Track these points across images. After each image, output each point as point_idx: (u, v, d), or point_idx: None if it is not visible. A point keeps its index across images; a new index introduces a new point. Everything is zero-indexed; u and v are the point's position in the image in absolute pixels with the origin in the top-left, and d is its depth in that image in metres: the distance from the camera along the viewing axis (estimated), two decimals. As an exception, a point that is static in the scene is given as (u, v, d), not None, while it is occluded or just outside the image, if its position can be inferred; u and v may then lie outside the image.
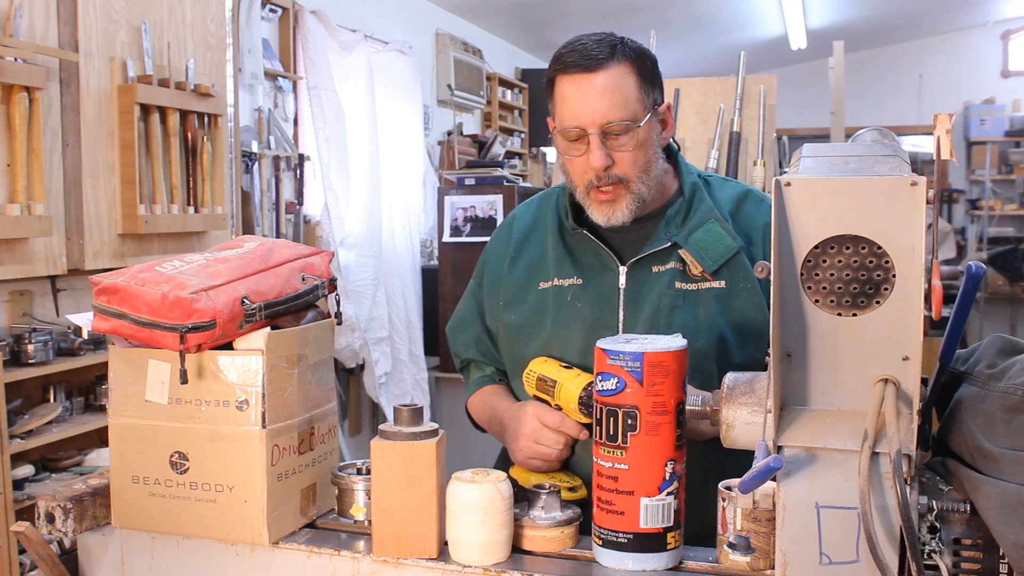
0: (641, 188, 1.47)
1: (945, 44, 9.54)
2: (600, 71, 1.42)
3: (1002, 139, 9.24)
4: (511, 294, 1.60)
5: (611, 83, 1.42)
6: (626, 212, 1.47)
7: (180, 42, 3.69)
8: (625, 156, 1.44)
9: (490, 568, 1.18)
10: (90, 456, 3.17)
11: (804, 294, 1.04)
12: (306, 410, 1.33)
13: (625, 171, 1.45)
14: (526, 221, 1.66)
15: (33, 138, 2.95)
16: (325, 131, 4.64)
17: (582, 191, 1.48)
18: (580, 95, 1.42)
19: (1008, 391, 1.02)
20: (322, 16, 4.80)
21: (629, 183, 1.46)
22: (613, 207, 1.47)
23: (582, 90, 1.42)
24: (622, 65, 1.43)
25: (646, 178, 1.47)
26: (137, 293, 1.24)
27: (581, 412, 1.39)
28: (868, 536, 0.96)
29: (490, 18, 7.02)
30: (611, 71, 1.42)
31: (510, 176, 5.11)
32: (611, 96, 1.41)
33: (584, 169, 1.45)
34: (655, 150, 1.48)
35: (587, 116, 1.42)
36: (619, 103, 1.42)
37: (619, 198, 1.46)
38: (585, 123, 1.42)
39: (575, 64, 1.43)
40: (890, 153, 1.08)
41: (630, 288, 1.50)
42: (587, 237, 1.53)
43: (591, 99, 1.42)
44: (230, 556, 1.28)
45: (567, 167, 1.50)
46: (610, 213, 1.47)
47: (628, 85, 1.43)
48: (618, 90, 1.42)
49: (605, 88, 1.41)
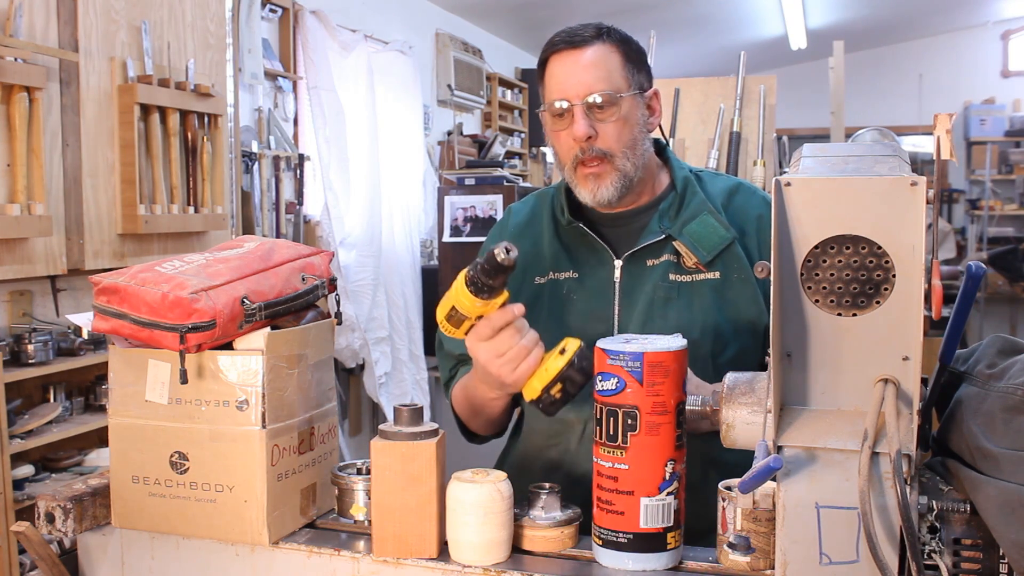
0: (626, 165, 1.48)
1: (945, 44, 9.55)
2: (586, 47, 1.47)
3: (1002, 139, 9.25)
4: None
5: (595, 58, 1.47)
6: (611, 189, 1.48)
7: (180, 42, 3.69)
8: (608, 129, 1.46)
9: (490, 568, 1.18)
10: (90, 456, 3.17)
11: (804, 294, 1.04)
12: (306, 410, 1.33)
13: (608, 145, 1.46)
14: (522, 217, 1.66)
15: (33, 138, 2.95)
16: (325, 131, 4.64)
17: (569, 168, 1.50)
18: (565, 69, 1.47)
19: (1008, 391, 1.02)
20: (322, 16, 4.80)
21: (613, 158, 1.47)
22: (599, 182, 1.48)
23: (567, 65, 1.47)
24: (607, 45, 1.48)
25: (631, 155, 1.48)
26: (137, 293, 1.24)
27: (470, 291, 1.26)
28: (868, 536, 0.96)
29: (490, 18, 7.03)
30: (596, 47, 1.47)
31: (510, 176, 5.11)
32: (594, 70, 1.46)
33: (569, 143, 1.48)
34: (640, 129, 1.50)
35: (571, 88, 1.46)
36: (602, 76, 1.46)
37: (604, 173, 1.47)
38: (569, 95, 1.46)
39: (562, 42, 1.48)
40: (890, 153, 1.08)
41: (625, 281, 1.52)
42: (582, 231, 1.54)
43: (575, 72, 1.46)
44: (230, 556, 1.28)
45: (555, 146, 1.52)
46: (595, 189, 1.48)
47: (612, 62, 1.47)
48: (602, 64, 1.46)
49: (589, 62, 1.46)
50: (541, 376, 1.29)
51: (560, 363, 1.28)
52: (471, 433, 1.64)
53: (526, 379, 1.31)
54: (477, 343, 1.33)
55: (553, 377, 1.28)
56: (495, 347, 1.31)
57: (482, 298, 1.27)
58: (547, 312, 1.54)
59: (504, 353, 1.30)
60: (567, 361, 1.27)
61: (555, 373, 1.28)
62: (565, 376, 1.27)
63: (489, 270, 1.24)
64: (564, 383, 1.28)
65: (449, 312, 1.32)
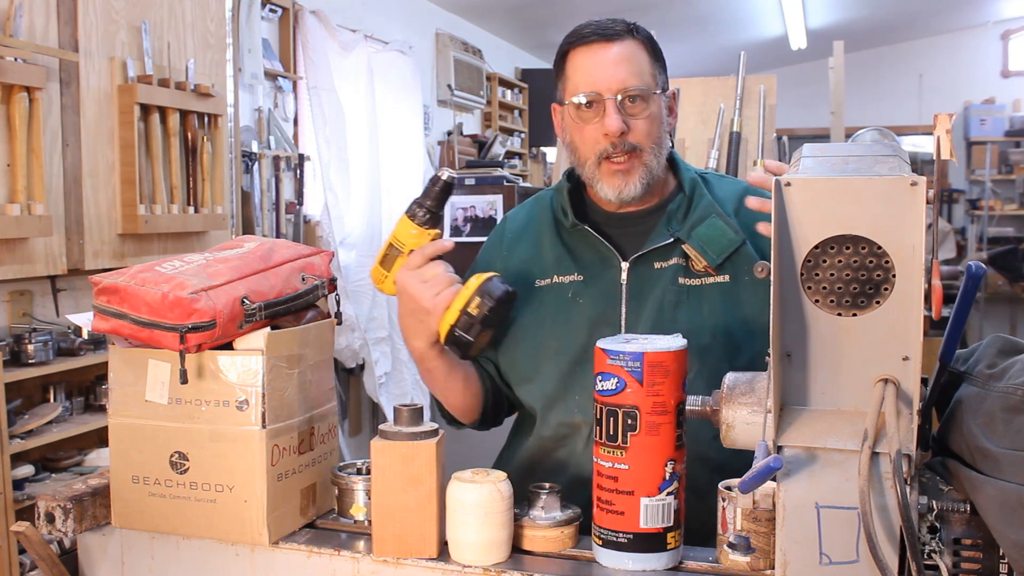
0: (652, 161, 1.48)
1: (945, 44, 9.55)
2: (617, 41, 1.47)
3: (1002, 139, 9.25)
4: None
5: (628, 53, 1.47)
6: (638, 185, 1.48)
7: (180, 42, 3.69)
8: (640, 124, 1.46)
9: (490, 568, 1.18)
10: (90, 456, 3.17)
11: (804, 294, 1.04)
12: (306, 410, 1.33)
13: (639, 139, 1.46)
14: (518, 222, 1.65)
15: (33, 138, 2.95)
16: (325, 131, 4.64)
17: (592, 163, 1.48)
18: (597, 62, 1.46)
19: (1008, 391, 1.02)
20: (322, 16, 4.80)
21: (643, 153, 1.47)
22: (627, 178, 1.47)
23: (599, 58, 1.46)
24: (636, 41, 1.48)
25: (658, 151, 1.49)
26: (137, 293, 1.24)
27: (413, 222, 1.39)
28: (868, 536, 0.96)
29: (490, 18, 7.03)
30: (627, 43, 1.47)
31: (510, 176, 5.11)
32: (628, 64, 1.46)
33: (597, 138, 1.46)
34: (664, 128, 1.50)
35: (604, 82, 1.45)
36: (635, 71, 1.46)
37: (632, 169, 1.47)
38: (602, 88, 1.45)
39: (592, 35, 1.47)
40: (890, 153, 1.08)
41: (632, 284, 1.50)
42: (588, 233, 1.53)
43: (608, 66, 1.46)
44: (230, 556, 1.28)
45: (576, 141, 1.50)
46: (623, 185, 1.48)
47: (642, 58, 1.48)
48: (634, 59, 1.47)
49: (622, 56, 1.46)
50: (457, 301, 1.37)
51: (474, 283, 1.37)
52: (452, 418, 1.64)
53: (445, 305, 1.38)
54: (406, 272, 1.40)
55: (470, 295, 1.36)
56: (421, 273, 1.39)
57: (425, 227, 1.38)
58: (552, 315, 1.53)
59: (428, 280, 1.39)
60: (481, 280, 1.37)
61: (472, 290, 1.36)
62: (482, 291, 1.36)
63: (436, 192, 1.38)
64: (481, 297, 1.35)
65: (385, 252, 1.43)
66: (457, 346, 1.39)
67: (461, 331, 1.37)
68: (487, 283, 1.37)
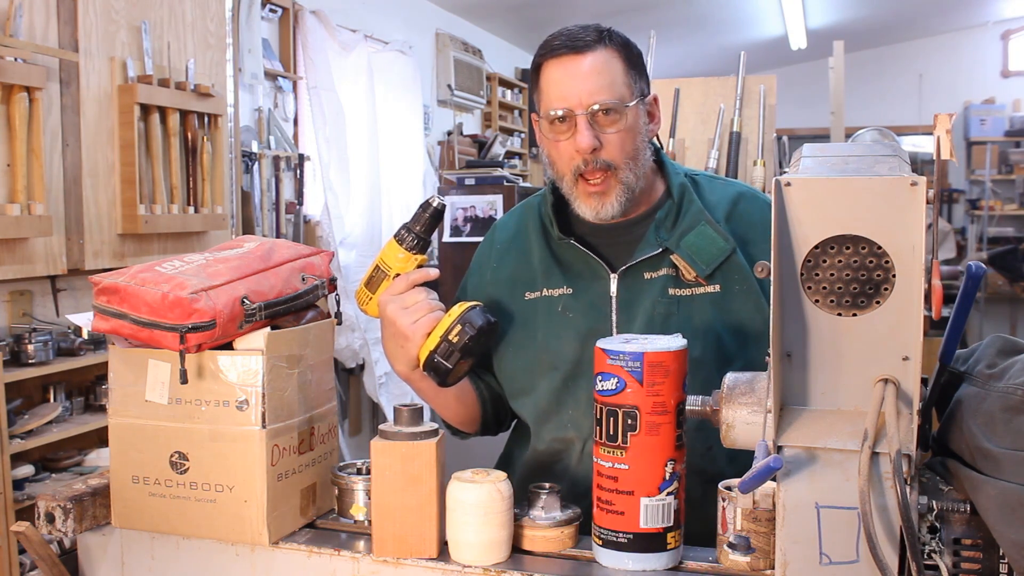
0: (630, 177, 1.44)
1: (945, 44, 9.55)
2: (588, 53, 1.41)
3: (1002, 139, 9.25)
4: (493, 306, 1.53)
5: (598, 64, 1.41)
6: (615, 205, 1.45)
7: (180, 42, 3.69)
8: (612, 139, 1.42)
9: (490, 568, 1.18)
10: (90, 456, 3.18)
11: (804, 294, 1.04)
12: (306, 410, 1.33)
13: (612, 156, 1.42)
14: (507, 232, 1.62)
15: (33, 138, 2.95)
16: (325, 131, 4.64)
17: (569, 180, 1.45)
18: (567, 76, 1.42)
19: (1008, 391, 1.02)
20: (322, 16, 4.80)
21: (617, 170, 1.43)
22: (603, 200, 1.44)
23: (569, 72, 1.42)
24: (608, 50, 1.43)
25: (634, 166, 1.45)
26: (137, 293, 1.24)
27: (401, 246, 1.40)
28: (868, 536, 0.96)
29: (490, 18, 7.03)
30: (598, 54, 1.42)
31: (510, 176, 5.11)
32: (598, 77, 1.41)
33: (571, 154, 1.43)
34: (642, 139, 1.46)
35: (574, 97, 1.41)
36: (606, 84, 1.41)
37: (609, 190, 1.44)
38: (572, 104, 1.41)
39: (562, 47, 1.42)
40: (890, 153, 1.08)
41: (622, 296, 1.47)
42: (574, 246, 1.50)
43: (578, 80, 1.41)
44: (230, 556, 1.28)
45: (552, 155, 1.47)
46: (599, 207, 1.45)
47: (615, 68, 1.42)
48: (605, 71, 1.41)
49: (592, 69, 1.41)
50: (439, 328, 1.38)
51: (456, 311, 1.38)
52: (455, 428, 1.64)
53: (424, 332, 1.39)
54: (388, 296, 1.40)
55: (451, 322, 1.38)
56: (403, 299, 1.40)
57: (412, 252, 1.40)
58: (543, 329, 1.51)
59: (410, 306, 1.39)
60: (463, 309, 1.38)
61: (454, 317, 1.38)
62: (463, 319, 1.37)
63: (427, 218, 1.40)
64: (463, 325, 1.36)
65: (371, 274, 1.44)
66: (436, 372, 1.39)
67: (440, 358, 1.37)
68: (469, 312, 1.38)
